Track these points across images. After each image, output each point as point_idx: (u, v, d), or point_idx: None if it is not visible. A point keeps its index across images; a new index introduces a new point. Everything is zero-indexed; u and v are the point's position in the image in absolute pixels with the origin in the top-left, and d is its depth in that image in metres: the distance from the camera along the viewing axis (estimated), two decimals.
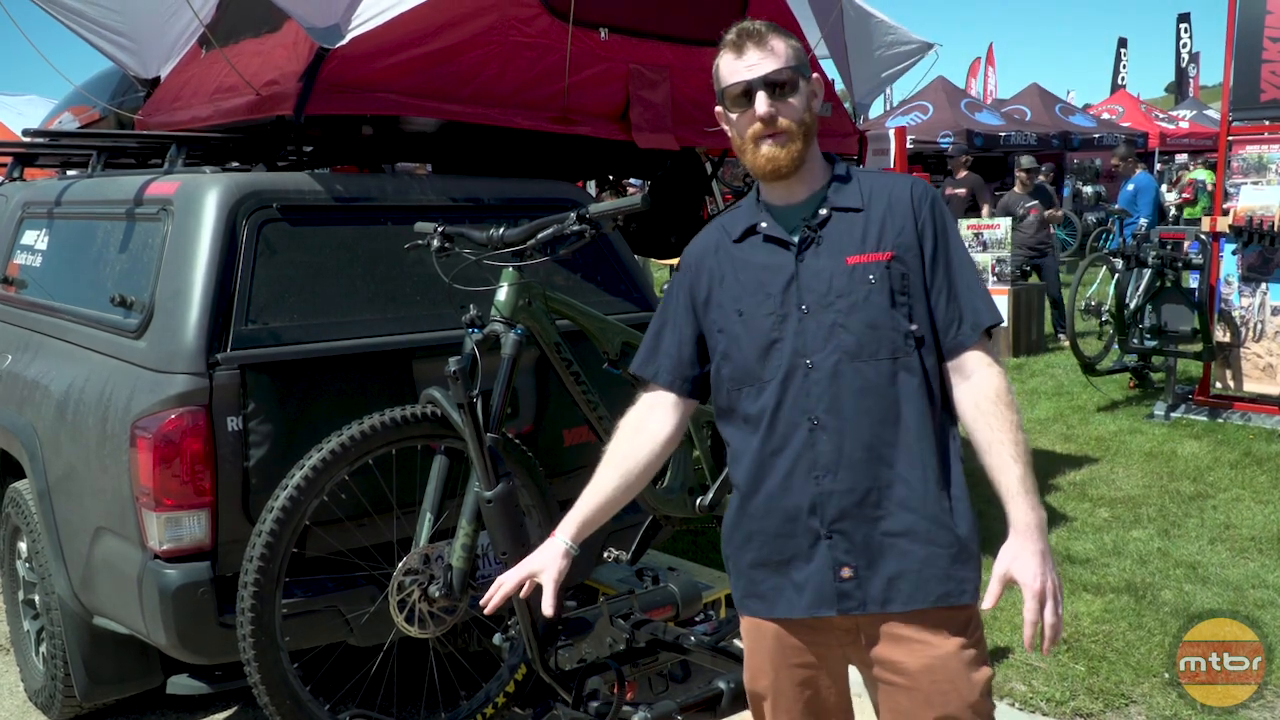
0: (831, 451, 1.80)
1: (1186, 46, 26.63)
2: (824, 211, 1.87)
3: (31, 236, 3.89)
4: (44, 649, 3.34)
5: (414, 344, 3.05)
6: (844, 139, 4.96)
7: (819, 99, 1.91)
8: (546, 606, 1.92)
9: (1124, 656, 3.68)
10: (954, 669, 1.80)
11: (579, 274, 3.47)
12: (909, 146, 11.03)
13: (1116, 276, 7.55)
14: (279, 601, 2.52)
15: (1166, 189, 15.65)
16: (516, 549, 2.46)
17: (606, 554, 3.37)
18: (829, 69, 5.26)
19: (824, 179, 1.91)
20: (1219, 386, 7.12)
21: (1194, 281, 7.29)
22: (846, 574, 1.81)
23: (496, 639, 2.73)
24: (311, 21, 3.17)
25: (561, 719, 2.68)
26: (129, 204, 3.20)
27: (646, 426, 2.00)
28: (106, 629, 3.01)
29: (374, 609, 2.80)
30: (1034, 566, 1.74)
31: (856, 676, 1.95)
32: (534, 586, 1.95)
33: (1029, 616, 1.72)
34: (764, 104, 1.81)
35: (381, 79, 3.38)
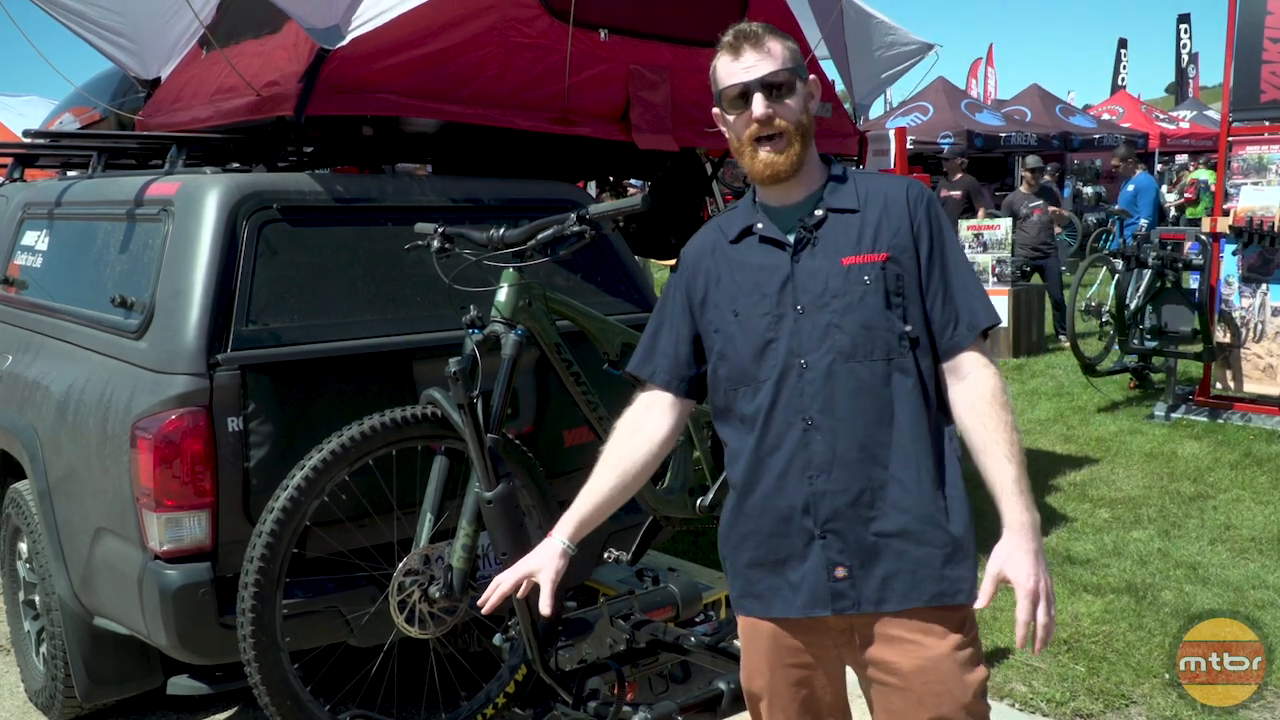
0: (825, 451, 1.80)
1: (1186, 47, 26.63)
2: (820, 212, 1.87)
3: (32, 237, 3.89)
4: (44, 649, 3.34)
5: (414, 345, 3.05)
6: (844, 139, 4.96)
7: (816, 100, 1.91)
8: (544, 606, 1.92)
9: (1124, 657, 3.68)
10: (947, 670, 1.80)
11: (579, 275, 3.47)
12: (909, 147, 11.03)
13: (1117, 277, 7.55)
14: (279, 602, 2.52)
15: (1166, 190, 15.65)
16: (517, 549, 2.46)
17: (607, 555, 3.37)
18: (829, 69, 5.26)
19: (821, 180, 1.91)
20: (1219, 387, 7.11)
21: (1194, 282, 7.29)
22: (841, 574, 1.81)
23: (497, 639, 2.73)
24: (312, 22, 3.17)
25: (562, 719, 2.68)
26: (129, 205, 3.20)
27: (644, 426, 2.01)
28: (107, 630, 3.01)
29: (374, 609, 2.80)
30: (1027, 566, 1.73)
31: (855, 678, 1.95)
32: (532, 586, 1.95)
33: (1021, 616, 1.72)
34: (761, 106, 1.82)
35: (382, 80, 3.38)
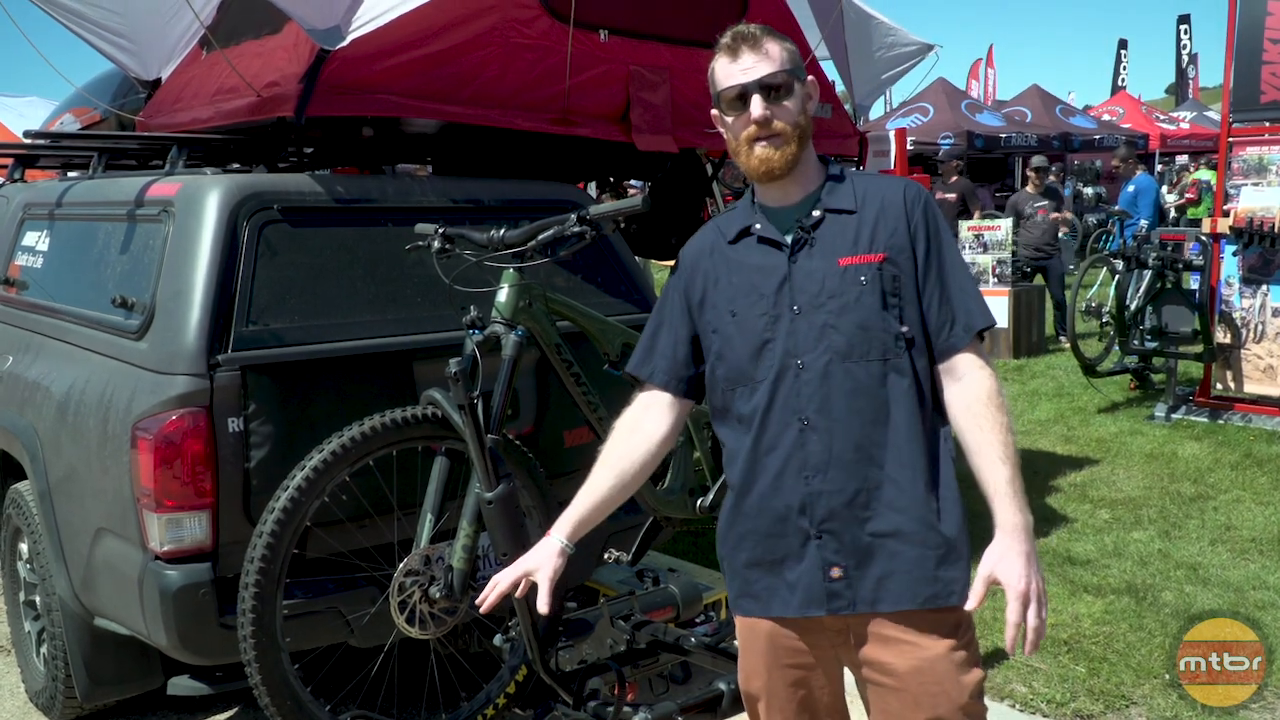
0: (821, 452, 1.80)
1: (1186, 48, 26.64)
2: (817, 213, 1.87)
3: (32, 238, 3.89)
4: (45, 650, 3.35)
5: (415, 345, 3.05)
6: (844, 140, 4.96)
7: (814, 101, 1.92)
8: (542, 604, 1.92)
9: (1125, 658, 3.68)
10: (943, 671, 1.80)
11: (579, 275, 3.47)
12: (909, 148, 11.03)
13: (1117, 278, 7.55)
14: (280, 602, 2.52)
15: (1166, 190, 15.65)
16: (517, 550, 2.45)
17: (607, 555, 3.37)
18: (829, 70, 5.26)
19: (818, 181, 1.91)
20: (1219, 388, 7.11)
21: (1194, 283, 7.29)
22: (836, 574, 1.81)
23: (497, 640, 2.73)
24: (312, 23, 3.17)
25: (562, 719, 2.68)
26: (130, 205, 3.20)
27: (642, 426, 2.01)
28: (107, 630, 3.01)
29: (375, 610, 2.80)
30: (1018, 568, 1.72)
31: (853, 679, 1.95)
32: (530, 585, 1.96)
33: (1011, 618, 1.71)
34: (759, 107, 1.82)
35: (382, 80, 3.38)
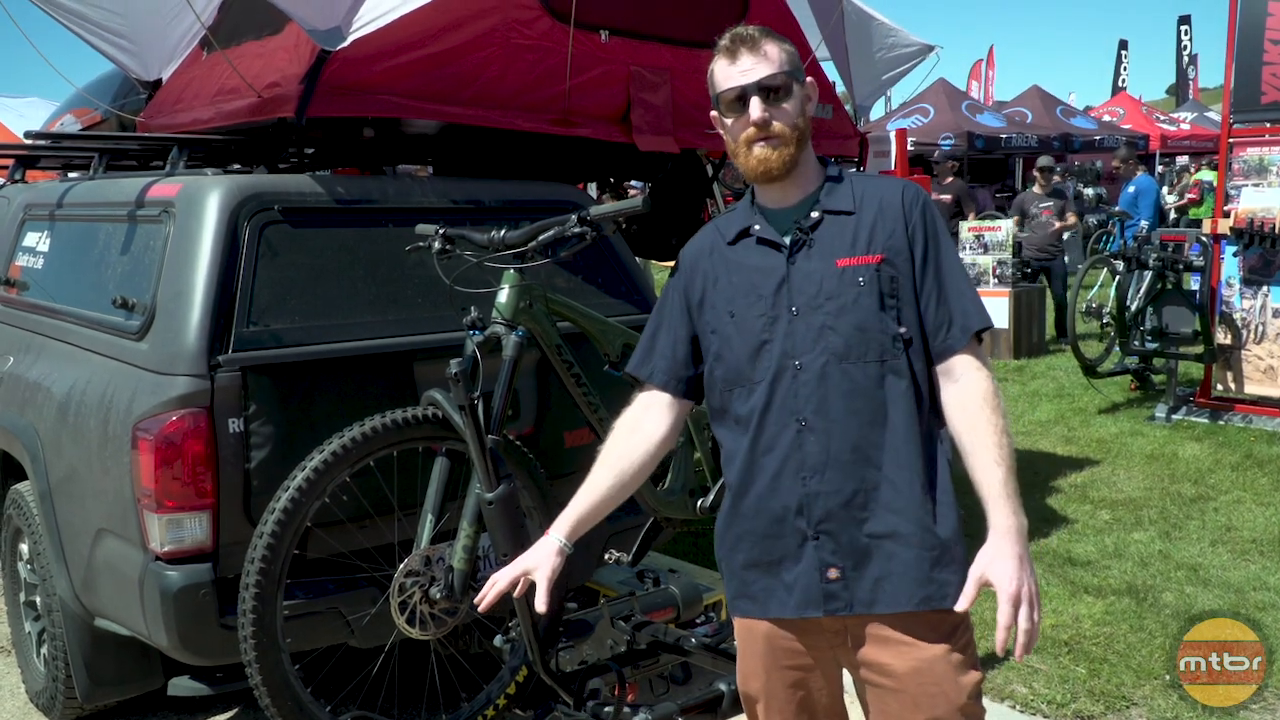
0: (818, 452, 1.80)
1: (1187, 49, 26.63)
2: (816, 214, 1.87)
3: (33, 239, 3.89)
4: (45, 650, 3.35)
5: (415, 346, 3.05)
6: (845, 141, 4.96)
7: (813, 102, 1.92)
8: (540, 603, 1.93)
9: (1125, 659, 3.68)
10: (941, 672, 1.80)
11: (580, 276, 3.47)
12: (910, 149, 11.02)
13: (1117, 279, 7.55)
14: (280, 603, 2.52)
15: (1167, 191, 15.65)
16: (517, 551, 2.44)
17: (607, 556, 3.37)
18: (830, 71, 5.26)
19: (817, 182, 1.92)
20: (1220, 389, 7.11)
21: (1195, 284, 7.29)
22: (833, 575, 1.81)
23: (497, 641, 2.73)
24: (313, 24, 3.17)
25: None
26: (131, 206, 3.20)
27: (642, 426, 2.01)
28: (108, 630, 3.01)
29: (375, 611, 2.80)
30: (1010, 570, 1.72)
31: (852, 680, 1.95)
32: (528, 584, 1.96)
33: (1002, 620, 1.70)
34: (758, 109, 1.82)
35: (383, 81, 3.38)
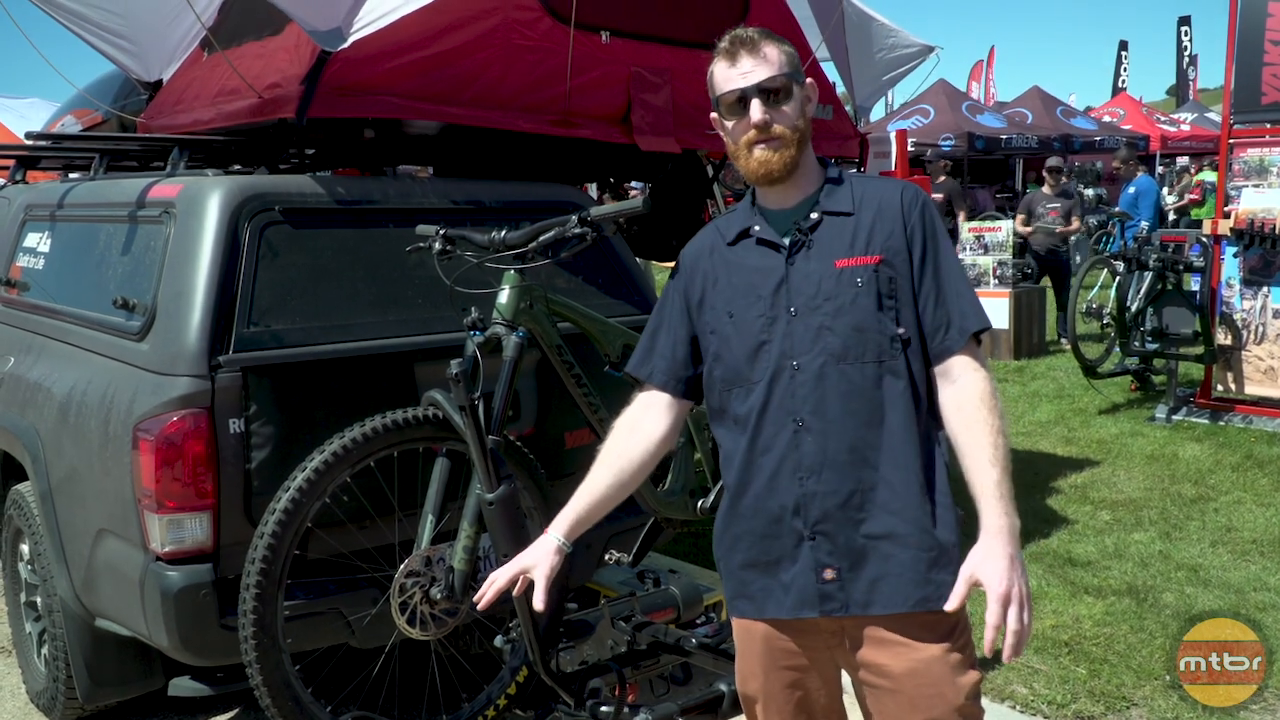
0: (816, 453, 1.81)
1: (1187, 50, 26.62)
2: (815, 215, 1.88)
3: (34, 239, 3.90)
4: (46, 651, 3.35)
5: (416, 346, 3.06)
6: (845, 142, 4.96)
7: (813, 103, 1.92)
8: (538, 601, 1.93)
9: (1125, 659, 3.68)
10: (938, 673, 1.80)
11: (580, 277, 3.48)
12: (910, 149, 11.03)
13: (1118, 279, 7.55)
14: (281, 603, 2.53)
15: (1166, 192, 15.64)
16: (518, 551, 2.45)
17: (608, 556, 3.37)
18: (830, 71, 5.27)
19: (817, 183, 1.92)
20: (1220, 389, 7.11)
21: (1195, 284, 7.29)
22: (829, 575, 1.82)
23: (498, 641, 2.73)
24: (313, 24, 3.17)
25: None
26: (131, 207, 3.21)
27: (641, 426, 2.02)
28: (108, 631, 3.01)
29: (375, 611, 2.80)
30: (1000, 570, 1.70)
31: (850, 681, 1.95)
32: (527, 583, 1.96)
33: (991, 620, 1.68)
34: (759, 111, 1.82)
35: (383, 82, 3.38)
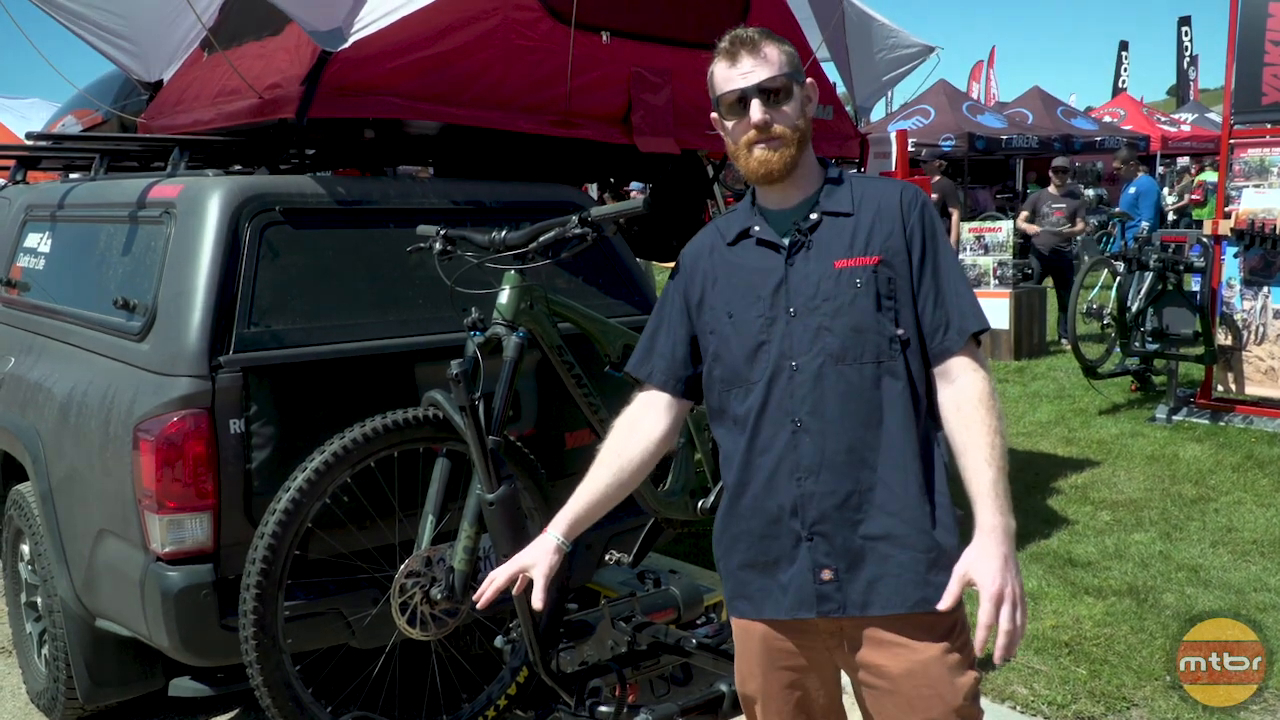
0: (814, 453, 1.81)
1: (1187, 50, 26.61)
2: (815, 215, 1.88)
3: (34, 239, 3.90)
4: (46, 651, 3.35)
5: (416, 347, 3.06)
6: (845, 142, 4.96)
7: (814, 103, 1.92)
8: (536, 600, 1.93)
9: (1126, 660, 3.68)
10: (936, 674, 1.80)
11: (581, 277, 3.48)
12: (910, 150, 11.02)
13: (1118, 280, 7.55)
14: (281, 604, 2.53)
15: (1167, 192, 15.64)
16: (518, 551, 2.46)
17: (608, 556, 3.37)
18: (830, 72, 5.27)
19: (817, 183, 1.92)
20: (1221, 390, 7.11)
21: (1195, 285, 7.29)
22: (826, 576, 1.82)
23: (498, 641, 2.73)
24: (314, 25, 3.17)
25: None
26: (132, 207, 3.21)
27: (640, 425, 2.02)
28: (109, 631, 3.01)
29: (376, 611, 2.80)
30: (993, 569, 1.70)
31: (849, 681, 1.95)
32: (526, 581, 1.96)
33: (983, 619, 1.68)
34: (759, 111, 1.82)
35: (384, 82, 3.38)
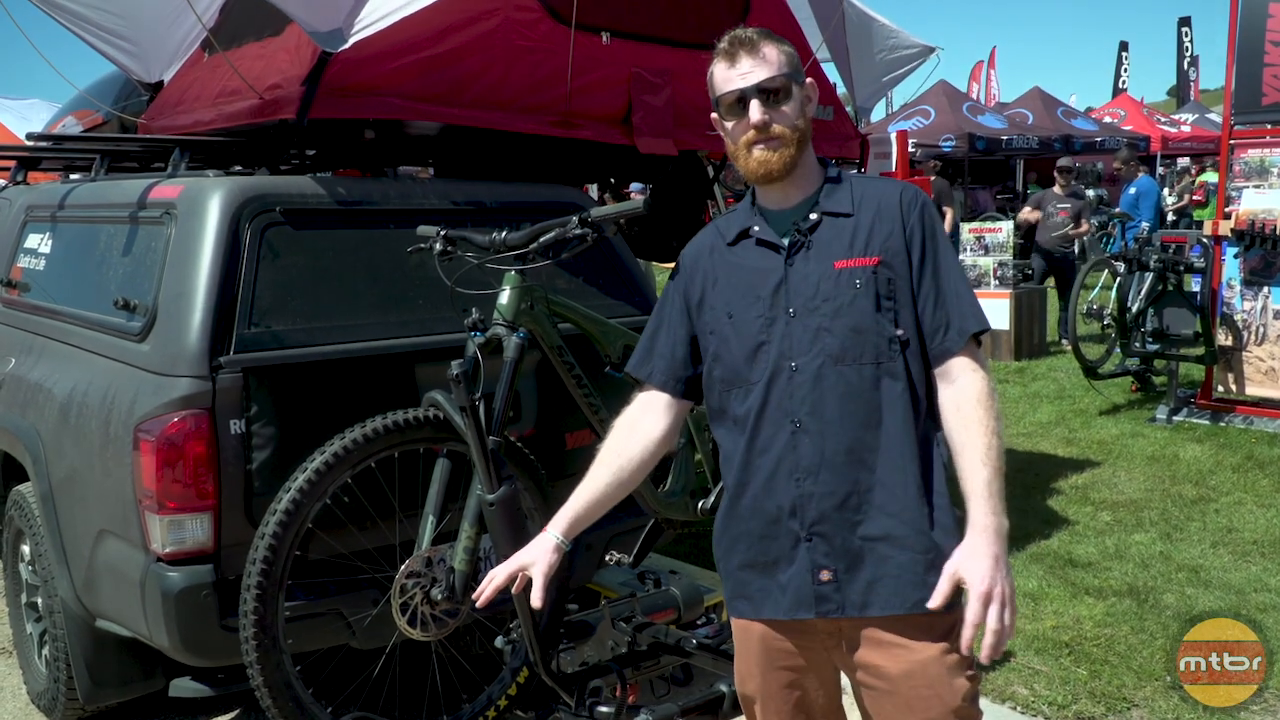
0: (813, 454, 1.81)
1: (1188, 51, 26.61)
2: (814, 216, 1.88)
3: (35, 240, 3.90)
4: (47, 652, 3.35)
5: (416, 347, 3.06)
6: (846, 142, 4.97)
7: (813, 104, 1.92)
8: (535, 599, 1.93)
9: (1126, 660, 3.68)
10: (935, 675, 1.80)
11: (581, 277, 3.48)
12: (910, 150, 11.02)
13: (1118, 280, 7.55)
14: (281, 604, 2.53)
15: (1167, 193, 15.63)
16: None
17: (609, 557, 3.37)
18: (831, 72, 5.27)
19: (817, 184, 1.92)
20: (1221, 390, 7.11)
21: (1196, 285, 7.29)
22: (825, 577, 1.82)
23: (498, 642, 2.73)
24: (314, 25, 3.18)
25: None
26: (132, 208, 3.21)
27: (640, 425, 2.02)
28: (109, 632, 3.01)
29: (376, 612, 2.81)
30: (983, 568, 1.70)
31: (849, 682, 1.95)
32: (525, 580, 1.96)
33: (970, 618, 1.68)
34: (758, 112, 1.82)
35: (384, 83, 3.38)
